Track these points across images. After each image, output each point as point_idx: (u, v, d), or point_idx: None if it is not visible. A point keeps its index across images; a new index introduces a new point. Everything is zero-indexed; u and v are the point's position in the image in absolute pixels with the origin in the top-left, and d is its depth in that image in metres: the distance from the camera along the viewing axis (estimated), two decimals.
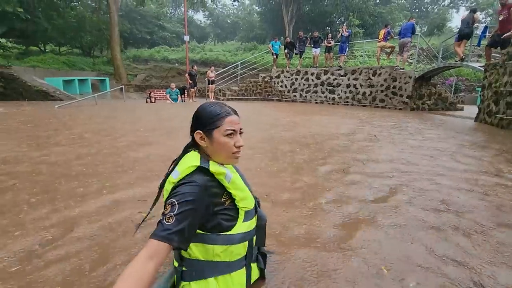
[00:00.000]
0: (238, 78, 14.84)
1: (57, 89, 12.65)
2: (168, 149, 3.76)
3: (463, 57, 8.30)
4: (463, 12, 26.38)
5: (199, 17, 44.28)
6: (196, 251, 1.03)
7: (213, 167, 1.03)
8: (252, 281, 1.18)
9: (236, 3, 27.87)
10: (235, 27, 40.79)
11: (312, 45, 12.67)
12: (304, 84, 12.94)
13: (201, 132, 1.06)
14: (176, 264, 1.10)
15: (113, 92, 15.46)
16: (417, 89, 9.95)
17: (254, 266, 1.19)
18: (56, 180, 2.59)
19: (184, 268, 1.06)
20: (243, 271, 1.11)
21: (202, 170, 1.01)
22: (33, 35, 19.55)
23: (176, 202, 0.90)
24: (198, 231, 1.00)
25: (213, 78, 13.08)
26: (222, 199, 1.04)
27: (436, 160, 3.42)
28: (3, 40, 20.38)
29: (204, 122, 1.06)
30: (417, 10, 36.10)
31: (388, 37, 10.42)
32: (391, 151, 3.81)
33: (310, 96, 12.81)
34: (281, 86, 13.62)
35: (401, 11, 27.68)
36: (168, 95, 12.76)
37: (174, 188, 0.97)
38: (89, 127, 5.41)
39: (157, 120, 6.53)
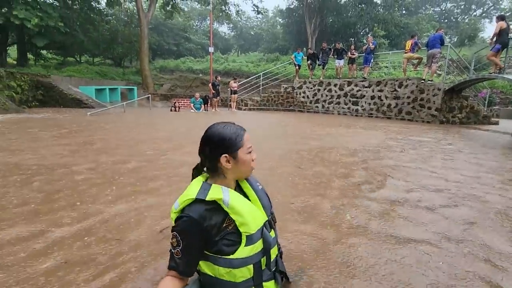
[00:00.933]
0: (260, 88, 14.98)
1: (89, 97, 13.40)
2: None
3: (502, 67, 7.85)
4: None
5: (224, 29, 45.63)
6: (204, 267, 1.08)
7: (212, 194, 1.04)
8: None
9: (260, 15, 28.43)
10: (258, 38, 41.52)
11: (335, 57, 12.60)
12: (326, 95, 12.80)
13: (227, 155, 1.07)
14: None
15: (140, 101, 16.12)
16: (446, 102, 9.51)
17: (270, 284, 1.15)
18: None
19: (201, 280, 1.13)
20: None
21: (199, 200, 1.03)
22: (71, 47, 21.03)
23: (179, 237, 1.00)
24: (205, 251, 1.05)
25: (235, 88, 13.31)
26: (225, 224, 1.04)
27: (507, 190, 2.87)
28: (44, 52, 22.11)
29: (228, 144, 1.06)
30: (446, 21, 34.96)
31: (416, 48, 10.11)
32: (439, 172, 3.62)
33: (333, 107, 12.63)
34: (303, 97, 13.56)
35: (428, 22, 26.92)
36: (192, 104, 13.08)
37: (176, 219, 1.03)
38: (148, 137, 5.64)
39: (191, 129, 6.69)
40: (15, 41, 18.84)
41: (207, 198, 1.02)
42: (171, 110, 12.79)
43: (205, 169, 1.15)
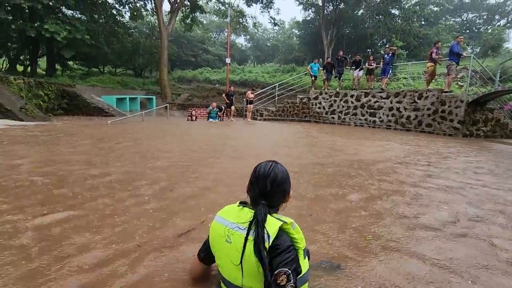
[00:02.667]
0: (276, 98, 15.01)
1: (110, 106, 13.89)
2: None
3: None
4: None
5: (241, 40, 46.57)
6: None
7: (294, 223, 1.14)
8: None
9: (276, 27, 28.84)
10: (274, 49, 42.01)
11: (354, 68, 12.50)
12: (343, 106, 12.64)
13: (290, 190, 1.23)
14: None
15: (158, 110, 16.57)
16: (470, 114, 9.13)
17: None
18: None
19: None
20: None
21: (284, 229, 1.10)
22: (95, 58, 22.07)
23: (289, 271, 1.01)
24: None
25: (251, 99, 13.40)
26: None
27: None
28: (71, 63, 23.31)
29: (289, 180, 1.22)
30: (468, 31, 34.06)
31: (434, 56, 9.76)
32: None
33: (349, 118, 12.43)
34: (319, 108, 13.45)
35: (449, 32, 26.31)
36: (208, 113, 13.26)
37: (276, 254, 1.04)
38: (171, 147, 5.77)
39: (216, 139, 6.76)
40: (44, 53, 20.00)
41: (295, 231, 1.13)
42: (187, 120, 13.01)
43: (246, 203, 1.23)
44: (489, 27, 32.50)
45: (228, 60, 17.82)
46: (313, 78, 13.72)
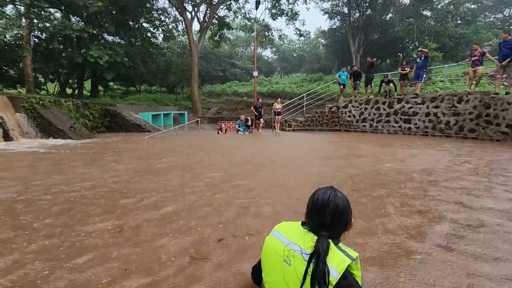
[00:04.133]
0: (304, 109, 14.95)
1: (147, 122, 14.80)
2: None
3: None
4: None
5: (267, 53, 47.37)
6: None
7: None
8: None
9: (302, 38, 28.93)
10: (301, 60, 42.08)
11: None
12: (374, 114, 12.24)
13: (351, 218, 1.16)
14: None
15: (190, 124, 17.29)
16: None
17: None
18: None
19: None
20: None
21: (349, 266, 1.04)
22: (133, 78, 23.75)
23: None
24: None
25: (279, 110, 13.48)
26: None
27: None
28: (111, 84, 25.30)
29: (351, 208, 1.16)
30: (511, 27, 31.47)
31: (484, 59, 9.07)
32: None
33: (382, 126, 11.98)
34: (349, 116, 13.15)
35: (490, 30, 24.52)
36: (238, 126, 13.56)
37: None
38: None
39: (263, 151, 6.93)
40: (89, 76, 21.97)
41: (355, 269, 1.07)
42: (218, 133, 13.39)
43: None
44: None
45: (255, 73, 18.20)
46: (341, 86, 13.52)
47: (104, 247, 1.99)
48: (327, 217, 1.07)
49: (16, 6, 16.31)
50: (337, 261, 0.99)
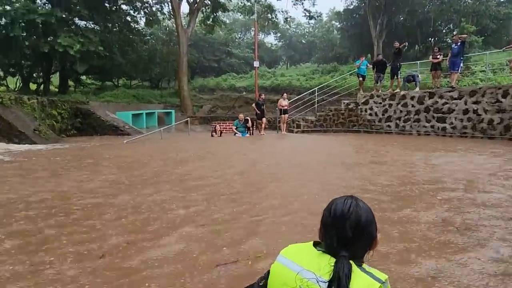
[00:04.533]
0: (315, 106, 14.96)
1: (126, 123, 14.86)
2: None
3: None
4: None
5: (270, 39, 47.73)
6: None
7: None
8: None
9: (312, 21, 29.16)
10: (311, 47, 42.28)
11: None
12: (401, 111, 12.22)
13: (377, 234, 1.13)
14: None
15: (178, 125, 17.33)
16: None
17: None
18: None
19: None
20: None
21: None
22: (109, 71, 23.94)
23: None
24: None
25: (286, 107, 13.46)
26: None
27: None
28: (83, 78, 25.49)
29: (375, 222, 1.11)
30: None
31: None
32: None
33: (411, 126, 11.95)
34: (370, 114, 13.14)
35: None
36: (235, 127, 13.52)
37: None
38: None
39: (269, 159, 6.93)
40: (57, 68, 22.15)
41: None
42: (212, 135, 13.39)
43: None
44: None
45: (256, 64, 18.28)
46: (360, 78, 13.53)
47: None
48: (348, 231, 1.03)
49: None
50: (363, 286, 0.95)
